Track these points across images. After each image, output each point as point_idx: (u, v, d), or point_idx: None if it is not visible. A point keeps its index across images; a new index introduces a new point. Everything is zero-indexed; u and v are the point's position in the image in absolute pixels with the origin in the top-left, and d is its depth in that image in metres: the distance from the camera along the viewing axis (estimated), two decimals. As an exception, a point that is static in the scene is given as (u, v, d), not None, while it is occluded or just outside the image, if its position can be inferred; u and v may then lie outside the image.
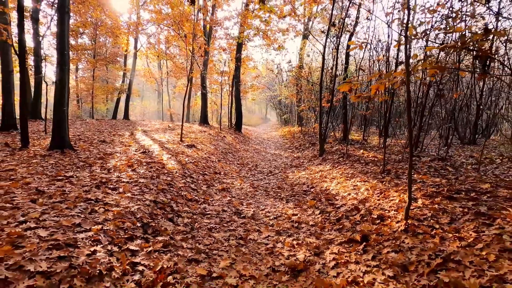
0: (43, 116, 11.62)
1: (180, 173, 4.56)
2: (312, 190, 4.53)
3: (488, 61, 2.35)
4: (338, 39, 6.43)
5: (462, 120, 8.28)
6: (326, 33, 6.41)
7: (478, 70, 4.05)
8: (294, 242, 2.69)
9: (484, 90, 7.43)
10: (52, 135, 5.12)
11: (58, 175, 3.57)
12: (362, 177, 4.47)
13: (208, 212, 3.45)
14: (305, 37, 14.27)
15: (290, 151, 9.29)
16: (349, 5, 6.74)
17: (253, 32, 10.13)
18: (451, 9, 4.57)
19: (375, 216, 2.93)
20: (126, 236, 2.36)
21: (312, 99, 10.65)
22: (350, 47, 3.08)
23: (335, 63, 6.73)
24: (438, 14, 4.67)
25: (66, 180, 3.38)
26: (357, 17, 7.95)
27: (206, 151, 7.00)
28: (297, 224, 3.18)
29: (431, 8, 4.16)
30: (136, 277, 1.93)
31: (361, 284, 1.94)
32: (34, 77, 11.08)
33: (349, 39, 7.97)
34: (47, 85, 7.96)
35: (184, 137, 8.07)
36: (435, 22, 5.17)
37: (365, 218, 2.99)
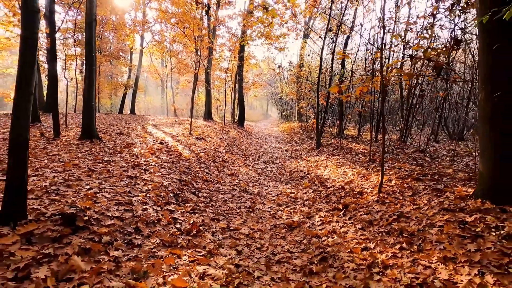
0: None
1: (195, 160, 5.31)
2: (307, 176, 5.28)
3: (441, 69, 3.03)
4: (334, 43, 7.10)
5: (453, 117, 8.97)
6: (323, 37, 7.08)
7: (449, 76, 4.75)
8: (291, 210, 3.45)
9: (471, 90, 8.11)
10: (82, 127, 5.86)
11: (97, 159, 4.32)
12: (351, 165, 5.22)
13: (221, 190, 4.21)
14: (305, 36, 14.85)
15: (290, 145, 10.03)
16: (343, 12, 7.38)
17: (255, 34, 10.75)
18: (431, 20, 5.24)
19: (356, 192, 3.69)
20: (164, 201, 3.13)
21: (311, 97, 11.34)
22: (339, 57, 3.78)
23: (331, 64, 7.41)
24: (419, 25, 5.35)
25: (106, 163, 4.13)
26: (353, 21, 8.60)
27: (214, 143, 7.74)
28: (294, 199, 3.95)
29: (411, 21, 4.85)
30: (177, 226, 2.70)
31: (338, 232, 2.70)
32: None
33: (346, 41, 8.63)
34: (67, 81, 8.65)
35: (192, 130, 8.79)
36: (421, 29, 5.86)
37: (348, 194, 3.75)
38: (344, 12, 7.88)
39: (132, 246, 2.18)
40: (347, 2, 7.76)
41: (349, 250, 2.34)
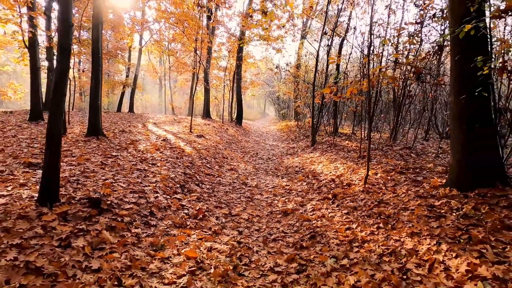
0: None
1: (197, 156, 5.66)
2: (302, 170, 5.67)
3: (420, 74, 3.42)
4: (329, 46, 7.47)
5: (442, 117, 9.44)
6: (319, 40, 7.45)
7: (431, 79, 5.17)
8: (286, 200, 3.83)
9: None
10: (89, 125, 6.16)
11: (106, 154, 4.64)
12: (342, 161, 5.62)
13: (223, 182, 4.58)
14: (303, 37, 15.22)
15: (286, 143, 10.42)
16: (338, 14, 7.76)
17: (253, 35, 11.07)
18: (418, 26, 5.64)
19: (345, 184, 4.08)
20: (172, 191, 3.48)
21: (307, 96, 11.72)
22: (331, 61, 4.15)
23: (326, 66, 7.79)
24: (408, 31, 5.75)
25: (115, 158, 4.46)
26: (348, 24, 8.99)
27: (213, 140, 8.08)
28: (289, 190, 4.33)
29: (400, 27, 5.25)
30: (185, 211, 3.06)
31: (326, 217, 3.09)
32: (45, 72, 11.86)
33: (341, 44, 9.02)
34: (70, 81, 8.88)
35: (192, 129, 9.11)
36: (409, 35, 6.27)
37: (337, 186, 4.14)
38: (339, 14, 8.26)
39: (149, 226, 2.53)
40: (342, 5, 8.14)
41: (334, 230, 2.73)
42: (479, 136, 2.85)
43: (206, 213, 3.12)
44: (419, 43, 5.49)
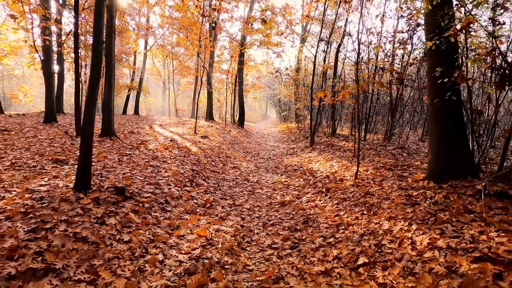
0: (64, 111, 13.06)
1: (202, 155, 6.10)
2: (300, 168, 6.08)
3: (403, 79, 3.83)
4: (326, 52, 7.91)
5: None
6: (316, 46, 7.90)
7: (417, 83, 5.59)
8: (284, 193, 4.25)
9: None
10: (102, 126, 6.63)
11: (121, 153, 5.09)
12: (338, 160, 6.02)
13: (227, 178, 5.00)
14: (302, 41, 15.70)
15: (286, 143, 10.84)
16: (335, 20, 8.21)
17: (254, 41, 11.58)
18: (408, 34, 6.07)
19: (338, 179, 4.49)
20: (182, 184, 3.91)
21: (307, 99, 12.15)
22: (326, 67, 4.59)
23: (323, 70, 8.22)
24: (397, 38, 6.17)
25: (129, 156, 4.91)
26: (344, 30, 9.43)
27: (217, 141, 8.53)
28: (287, 186, 4.74)
29: (394, 34, 5.67)
30: (195, 201, 3.49)
31: (319, 206, 3.50)
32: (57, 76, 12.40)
33: (337, 49, 9.46)
34: (83, 85, 9.43)
35: (196, 130, 9.57)
36: (400, 42, 6.69)
37: (331, 181, 4.55)
38: (336, 19, 8.71)
39: (165, 211, 2.96)
40: (338, 8, 8.59)
41: (325, 217, 3.14)
42: (452, 134, 3.25)
43: (213, 203, 3.54)
44: (408, 50, 5.92)
